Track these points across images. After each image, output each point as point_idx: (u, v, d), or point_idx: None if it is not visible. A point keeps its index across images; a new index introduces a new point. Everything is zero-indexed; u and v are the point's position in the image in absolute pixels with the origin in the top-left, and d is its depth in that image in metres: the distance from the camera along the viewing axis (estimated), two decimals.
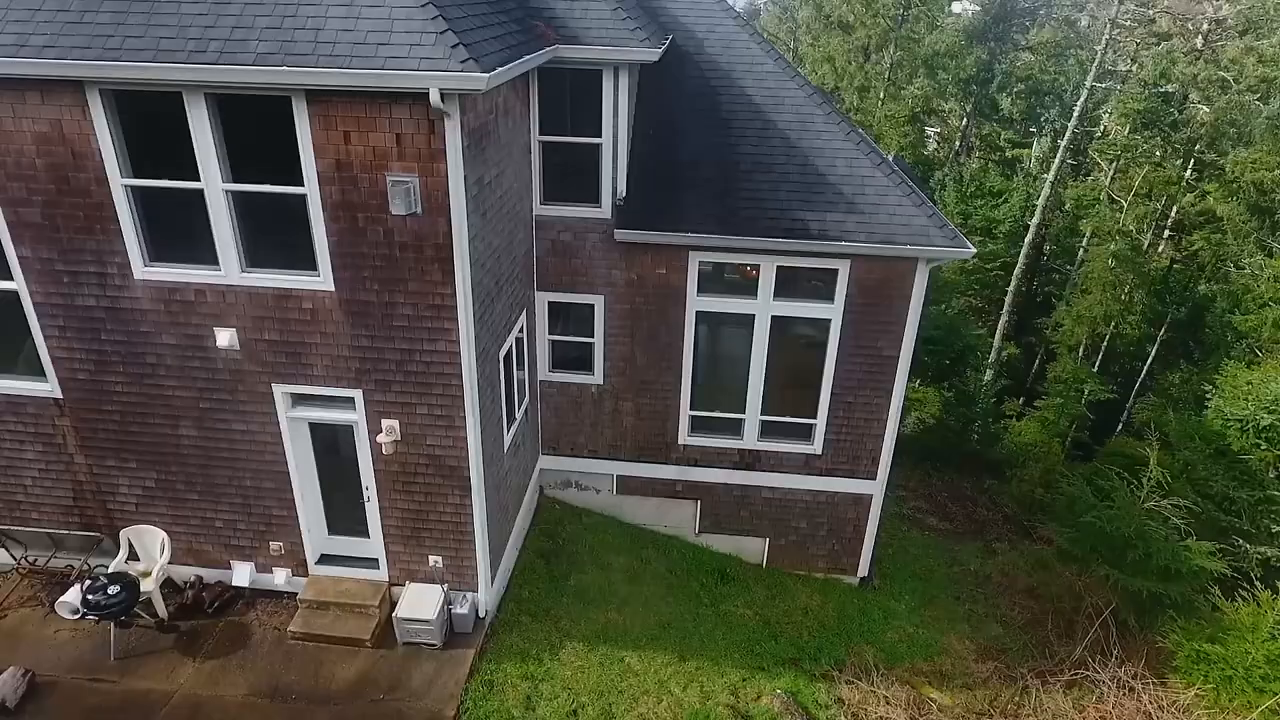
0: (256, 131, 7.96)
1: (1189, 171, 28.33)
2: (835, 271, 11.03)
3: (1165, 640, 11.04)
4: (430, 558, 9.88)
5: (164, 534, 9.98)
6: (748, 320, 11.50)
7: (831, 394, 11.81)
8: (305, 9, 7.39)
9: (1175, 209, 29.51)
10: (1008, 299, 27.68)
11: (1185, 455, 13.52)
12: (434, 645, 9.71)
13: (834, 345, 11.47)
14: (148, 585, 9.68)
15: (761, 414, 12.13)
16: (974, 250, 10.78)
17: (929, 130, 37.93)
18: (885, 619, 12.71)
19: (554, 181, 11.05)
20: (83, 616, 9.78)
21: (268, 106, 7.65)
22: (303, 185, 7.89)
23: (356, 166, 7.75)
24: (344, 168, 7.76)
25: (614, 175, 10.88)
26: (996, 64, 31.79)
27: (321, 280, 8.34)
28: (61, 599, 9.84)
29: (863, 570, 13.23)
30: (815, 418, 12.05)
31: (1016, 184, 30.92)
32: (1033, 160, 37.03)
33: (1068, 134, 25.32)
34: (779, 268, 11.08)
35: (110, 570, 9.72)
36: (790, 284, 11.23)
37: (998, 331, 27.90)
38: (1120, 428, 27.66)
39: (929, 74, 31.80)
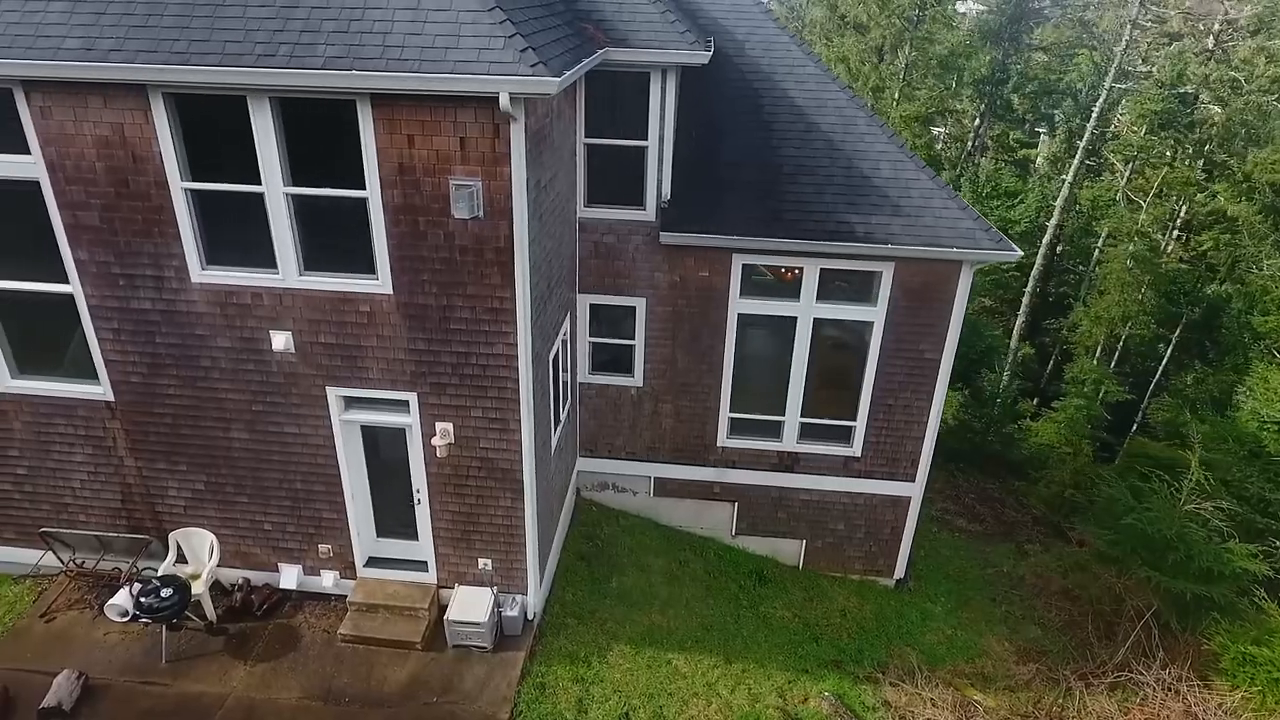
0: (317, 135, 7.96)
1: (1197, 172, 28.34)
2: (879, 274, 11.03)
3: (1210, 643, 11.05)
4: (480, 560, 9.89)
5: (213, 536, 9.98)
6: (789, 322, 11.50)
7: (872, 396, 11.81)
8: (371, 13, 7.38)
9: (1184, 209, 29.55)
10: (1025, 300, 27.66)
11: (1218, 457, 13.49)
12: (484, 648, 9.72)
13: (875, 347, 11.47)
14: (197, 588, 9.68)
15: (801, 416, 12.13)
16: (1020, 253, 10.79)
17: (936, 130, 37.94)
18: (923, 621, 12.72)
19: (598, 184, 11.05)
20: (133, 619, 9.80)
21: (330, 110, 7.65)
22: (364, 189, 7.89)
23: (419, 170, 7.75)
24: (406, 171, 7.76)
25: (659, 178, 10.88)
26: (1011, 64, 31.78)
27: (380, 283, 8.34)
28: (110, 601, 9.84)
29: (899, 572, 13.24)
30: (855, 420, 12.06)
31: (1032, 184, 30.92)
32: (1041, 160, 37.07)
33: (1086, 134, 25.30)
34: (822, 270, 11.08)
35: (160, 573, 9.72)
36: (832, 286, 11.23)
37: (1014, 332, 27.89)
38: (1135, 428, 27.70)
39: (944, 74, 31.79)
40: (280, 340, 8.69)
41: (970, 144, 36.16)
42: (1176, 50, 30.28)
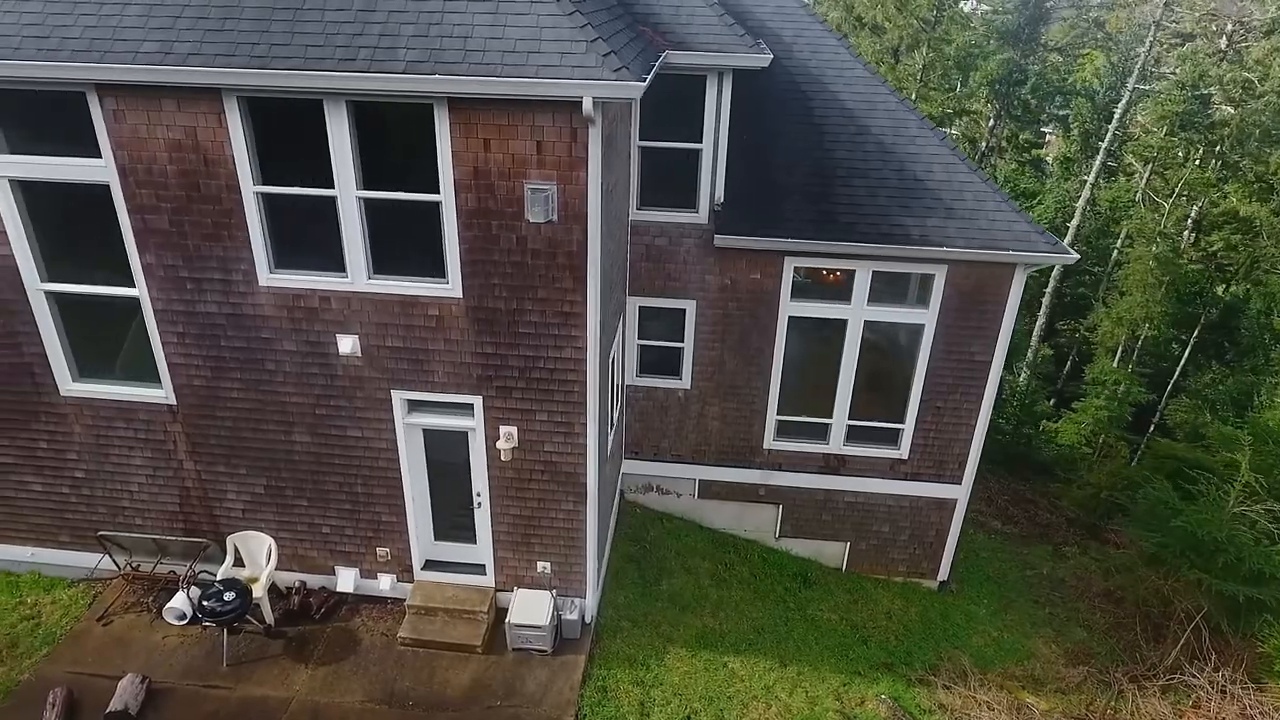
0: (390, 138, 7.97)
1: (1209, 172, 28.38)
2: (931, 277, 11.03)
3: (1264, 645, 11.06)
4: (539, 563, 9.88)
5: (271, 540, 9.97)
6: (839, 325, 11.50)
7: (921, 399, 11.81)
8: (451, 16, 7.37)
9: (1195, 209, 29.61)
10: (1045, 300, 27.71)
11: (1262, 458, 13.48)
12: (544, 651, 9.71)
13: (926, 350, 11.47)
14: (256, 591, 9.67)
15: (849, 419, 12.12)
16: (1076, 256, 10.78)
17: (949, 132, 37.95)
18: (968, 623, 12.72)
19: (650, 187, 11.05)
20: (192, 622, 9.83)
21: (404, 113, 7.65)
22: (437, 192, 7.88)
23: (494, 174, 7.74)
24: (481, 175, 7.75)
25: (713, 181, 10.88)
26: (1029, 65, 31.80)
27: (449, 287, 8.33)
28: (169, 605, 9.86)
29: (943, 574, 13.24)
30: (903, 422, 12.05)
31: (1050, 185, 30.94)
32: (1053, 160, 37.08)
33: (1108, 136, 25.31)
34: (874, 273, 11.08)
35: (219, 577, 9.72)
36: (884, 289, 11.23)
37: (1034, 333, 27.93)
38: (1152, 428, 27.73)
39: (960, 74, 31.82)
40: (347, 344, 8.68)
41: (985, 144, 36.18)
42: (1189, 50, 30.34)
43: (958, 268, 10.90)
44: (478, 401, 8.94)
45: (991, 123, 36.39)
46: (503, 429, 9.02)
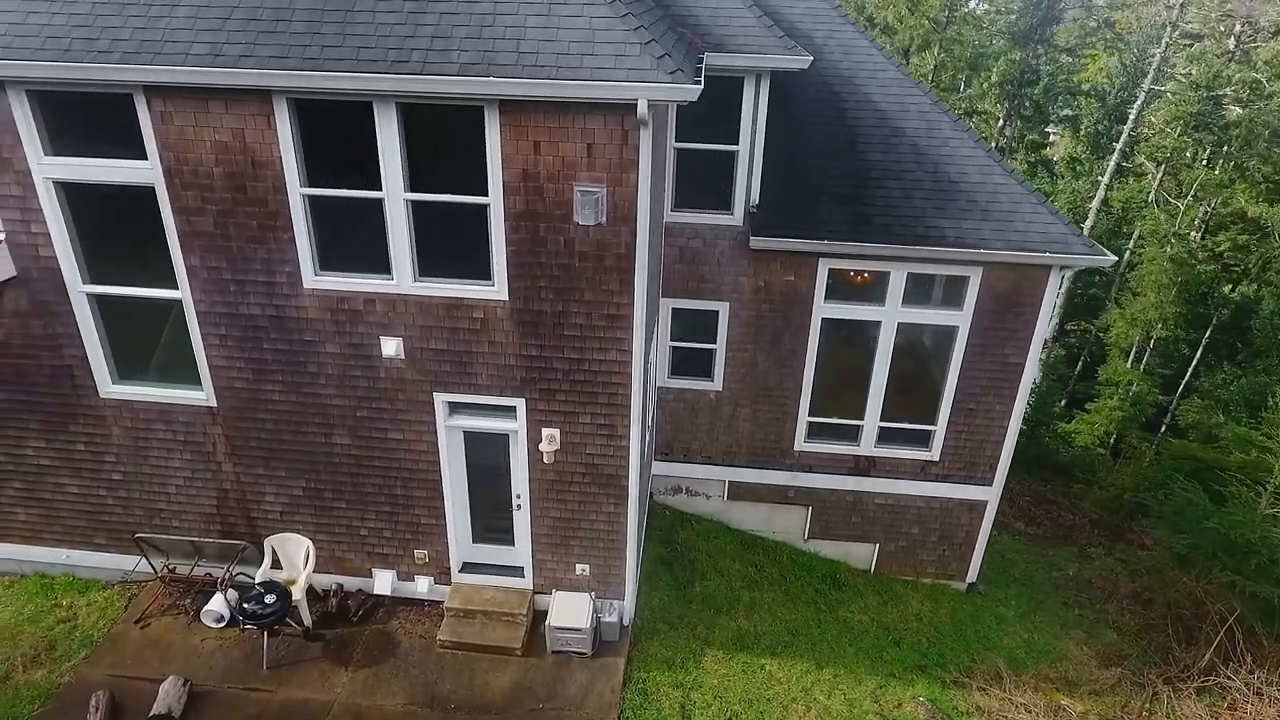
0: (438, 140, 7.95)
1: (1223, 174, 28.38)
2: (966, 279, 11.02)
3: None
4: (578, 566, 9.87)
5: (309, 542, 9.95)
6: (873, 327, 11.49)
7: (954, 400, 11.80)
8: (503, 18, 7.36)
9: (1201, 210, 29.62)
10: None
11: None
12: (584, 654, 9.70)
13: (959, 352, 11.46)
14: (295, 594, 9.65)
15: (881, 420, 12.12)
16: (1114, 258, 10.78)
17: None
18: (998, 625, 12.72)
19: (685, 188, 11.05)
20: (230, 624, 9.81)
21: (454, 115, 7.63)
22: (486, 195, 7.86)
23: (543, 176, 7.72)
24: (530, 178, 7.74)
25: (748, 182, 10.87)
26: (1040, 65, 31.80)
27: (495, 290, 8.32)
28: (206, 607, 9.84)
29: (971, 576, 13.24)
30: (935, 424, 12.05)
31: (1063, 185, 30.93)
32: (1060, 161, 37.04)
33: (1123, 137, 25.31)
34: (909, 275, 11.07)
35: (257, 579, 9.70)
36: (915, 290, 11.22)
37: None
38: (1164, 429, 27.73)
39: (972, 74, 31.82)
40: (390, 346, 8.67)
41: (995, 145, 36.16)
42: (1198, 51, 30.36)
43: (993, 270, 10.88)
44: (520, 404, 8.92)
45: (1001, 123, 36.41)
46: (545, 431, 9.00)
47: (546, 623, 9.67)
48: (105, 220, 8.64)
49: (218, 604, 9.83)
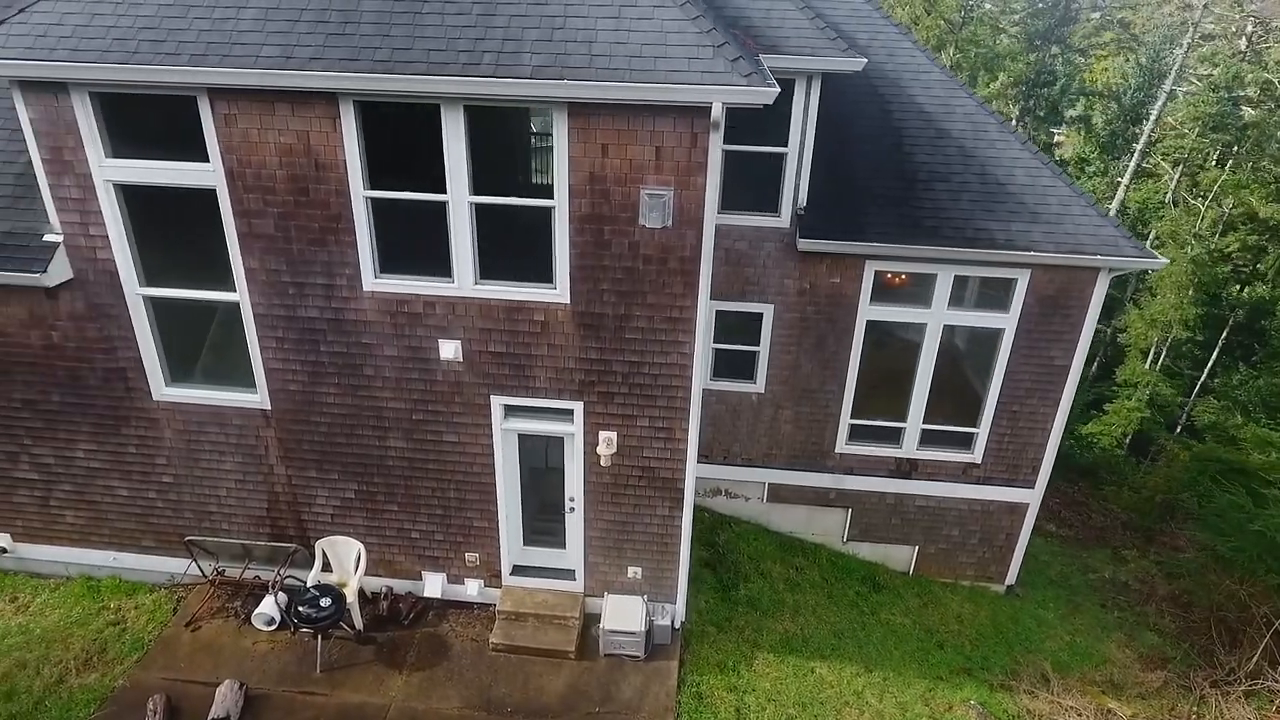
0: (500, 143, 7.92)
1: (1242, 174, 28.36)
2: (1013, 281, 10.99)
3: None
4: (630, 569, 9.84)
5: (360, 545, 9.93)
6: (917, 329, 11.47)
7: (997, 403, 11.78)
8: (573, 21, 7.33)
9: (1221, 211, 29.59)
10: None
11: None
12: (637, 657, 9.68)
13: (1004, 354, 11.43)
14: (347, 596, 9.63)
15: (923, 422, 12.09)
16: (1166, 261, 10.75)
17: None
18: (1039, 627, 12.70)
19: (732, 190, 10.91)
20: (281, 627, 9.79)
21: (518, 118, 7.61)
22: (551, 198, 7.83)
23: (610, 179, 7.69)
24: (597, 180, 7.71)
25: (796, 184, 10.85)
26: (1056, 66, 31.79)
27: (557, 292, 8.29)
28: (258, 610, 9.81)
29: (1010, 578, 13.22)
30: (978, 426, 12.02)
31: (1080, 185, 30.87)
32: (1070, 161, 37.00)
33: (1143, 138, 25.29)
34: (955, 277, 11.05)
35: (310, 582, 9.68)
36: (963, 293, 11.20)
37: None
38: (1179, 429, 27.72)
39: (988, 75, 31.78)
40: (449, 349, 8.64)
41: None
42: (1209, 52, 30.35)
43: (1041, 272, 10.86)
44: (578, 407, 8.89)
45: (1014, 123, 36.39)
46: (603, 434, 8.97)
47: (600, 625, 9.65)
48: (163, 223, 8.62)
49: (269, 607, 9.81)
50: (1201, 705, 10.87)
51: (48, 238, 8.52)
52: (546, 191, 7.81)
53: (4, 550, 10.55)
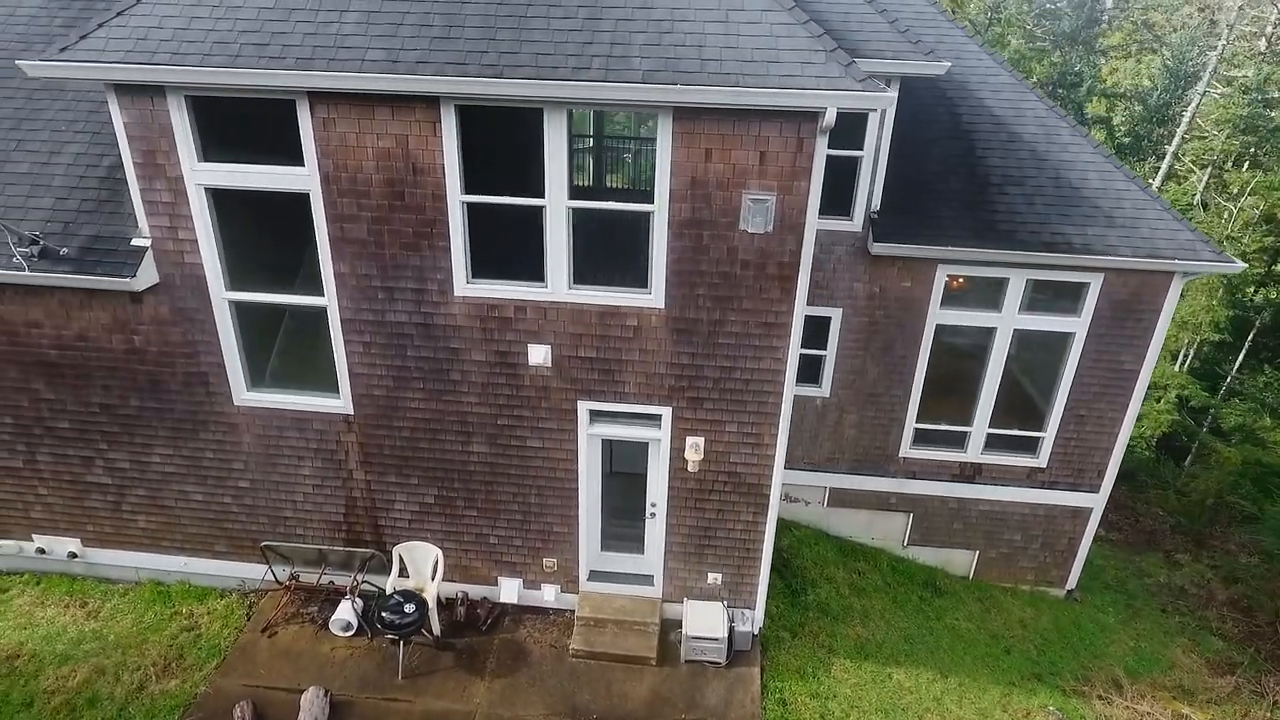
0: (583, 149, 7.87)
1: (1276, 175, 28.31)
2: (1085, 285, 10.93)
3: None
4: (710, 575, 9.79)
5: (438, 550, 9.87)
6: (987, 333, 11.42)
7: (1065, 407, 11.72)
8: (681, 25, 7.28)
9: (1250, 213, 29.54)
10: None
11: None
12: (718, 663, 9.63)
13: (1074, 358, 11.38)
14: (429, 602, 9.57)
15: (989, 427, 12.04)
16: (1243, 265, 10.70)
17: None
18: (1102, 632, 12.64)
19: None
20: (358, 633, 9.71)
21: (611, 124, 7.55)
22: (650, 203, 7.78)
23: (712, 184, 7.64)
24: (699, 185, 7.66)
25: (870, 188, 10.79)
26: (1081, 68, 31.73)
27: (652, 297, 8.23)
28: (335, 616, 9.71)
29: (1071, 583, 13.16)
30: (1044, 430, 11.97)
31: None
32: None
33: (1176, 139, 25.24)
34: (1027, 281, 11.00)
35: (389, 588, 9.62)
36: (1033, 297, 11.14)
37: None
38: (1205, 430, 27.67)
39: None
40: (538, 354, 8.59)
41: None
42: (1229, 53, 30.29)
43: (1114, 276, 10.80)
44: (666, 412, 8.84)
45: None
46: (690, 440, 8.92)
47: (681, 631, 9.60)
48: (251, 227, 8.57)
49: (346, 612, 9.72)
50: (1275, 710, 10.81)
51: (135, 241, 8.47)
52: (648, 196, 7.76)
53: (74, 555, 10.49)
